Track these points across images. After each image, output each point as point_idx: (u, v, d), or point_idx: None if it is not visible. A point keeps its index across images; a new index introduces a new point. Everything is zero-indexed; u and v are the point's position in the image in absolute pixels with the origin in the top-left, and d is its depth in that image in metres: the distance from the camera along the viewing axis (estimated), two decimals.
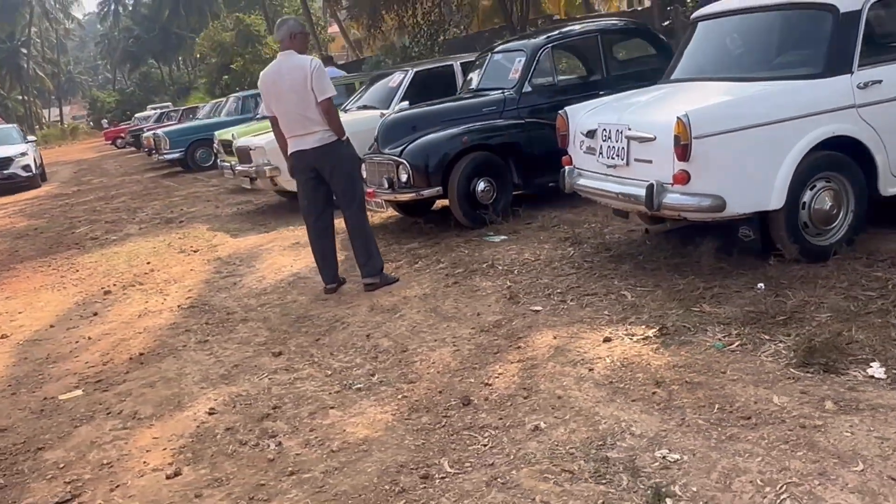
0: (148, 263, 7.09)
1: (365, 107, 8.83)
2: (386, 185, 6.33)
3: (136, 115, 37.05)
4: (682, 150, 3.86)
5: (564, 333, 3.75)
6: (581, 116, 4.83)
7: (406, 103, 7.91)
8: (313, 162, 5.01)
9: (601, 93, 6.40)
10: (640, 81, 6.35)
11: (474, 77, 7.27)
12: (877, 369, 2.87)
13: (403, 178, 6.18)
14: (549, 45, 6.66)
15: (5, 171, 17.20)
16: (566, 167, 4.94)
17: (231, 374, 3.96)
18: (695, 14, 5.19)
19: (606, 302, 4.10)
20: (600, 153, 4.54)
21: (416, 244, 6.16)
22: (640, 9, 20.79)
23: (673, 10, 17.67)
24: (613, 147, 4.40)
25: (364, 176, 6.87)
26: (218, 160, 12.02)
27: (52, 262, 7.90)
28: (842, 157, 4.09)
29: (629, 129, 4.25)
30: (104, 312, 5.62)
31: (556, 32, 6.94)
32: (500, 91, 6.62)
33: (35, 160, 18.13)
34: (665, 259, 4.63)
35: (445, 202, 6.81)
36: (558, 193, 6.64)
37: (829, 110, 4.00)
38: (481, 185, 6.20)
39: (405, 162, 6.14)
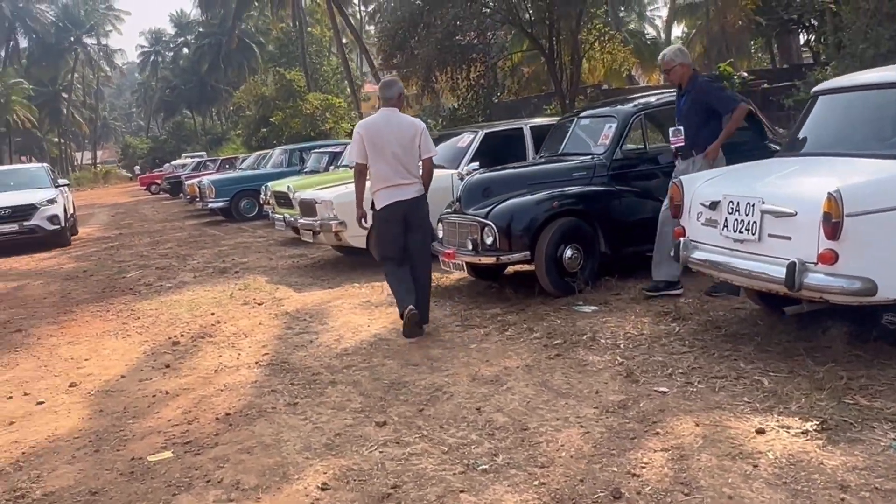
0: (212, 314, 6.86)
1: None
2: (469, 247, 6.11)
3: (173, 163, 37.55)
4: (832, 228, 3.60)
5: (706, 420, 3.44)
6: (699, 186, 4.61)
7: (476, 164, 7.81)
8: (408, 211, 5.30)
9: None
10: (730, 154, 6.17)
11: (557, 141, 7.12)
12: None
13: (489, 240, 5.96)
14: (641, 113, 6.50)
15: (27, 223, 13.65)
16: (680, 239, 4.69)
17: (335, 443, 3.66)
18: (816, 88, 5.00)
19: (741, 387, 3.79)
20: (724, 226, 4.29)
21: (499, 310, 5.90)
22: None
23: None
24: (742, 220, 4.16)
25: (440, 236, 6.70)
26: (269, 212, 11.93)
27: (110, 307, 7.70)
28: None
29: (763, 203, 4.00)
30: (177, 365, 5.36)
31: (647, 100, 6.79)
32: (589, 156, 6.45)
33: (66, 209, 14.70)
34: (789, 342, 4.33)
35: (518, 267, 6.62)
36: (645, 264, 6.44)
37: None
38: (569, 252, 5.96)
39: (492, 224, 5.93)
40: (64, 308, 7.95)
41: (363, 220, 5.52)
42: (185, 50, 70.97)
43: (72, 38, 67.69)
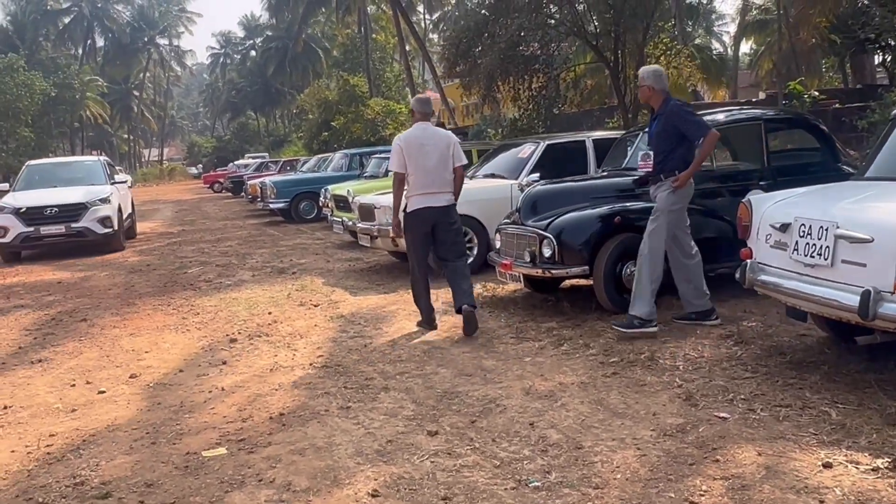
0: (269, 314, 6.95)
1: (493, 175, 8.71)
2: (527, 259, 6.06)
3: (236, 163, 38.39)
4: None
5: (769, 451, 3.31)
6: (769, 207, 4.47)
7: (537, 175, 7.77)
8: (440, 217, 5.73)
9: (760, 183, 6.08)
10: (801, 175, 6.00)
11: (621, 155, 7.01)
12: None
13: (547, 253, 5.89)
14: None
15: (75, 225, 12.12)
16: (747, 261, 4.55)
17: (386, 450, 3.65)
18: None
19: (807, 418, 3.65)
20: (795, 250, 4.15)
21: (555, 324, 5.82)
22: (754, 100, 20.38)
23: (790, 104, 17.26)
24: (814, 245, 4.00)
25: (497, 246, 6.66)
26: (328, 214, 12.07)
27: (171, 302, 7.88)
28: None
29: (838, 228, 3.85)
30: (233, 362, 5.44)
31: (715, 117, 6.63)
32: None
33: (120, 209, 13.13)
34: (859, 374, 4.15)
35: (575, 280, 6.53)
36: (708, 283, 6.28)
37: None
38: (628, 269, 5.85)
39: (551, 237, 5.86)
40: (127, 300, 8.16)
41: (399, 228, 5.95)
42: (253, 52, 72.64)
43: (145, 39, 70.13)
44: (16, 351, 6.20)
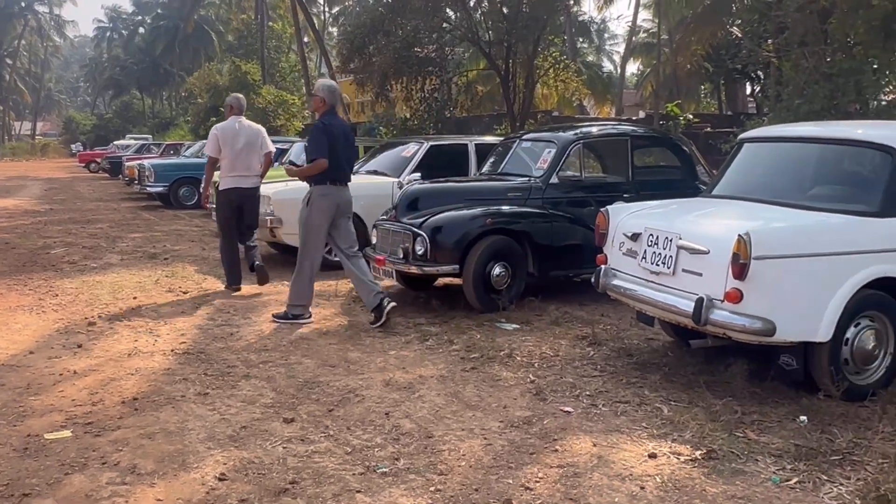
0: (134, 298, 6.74)
1: (375, 172, 8.77)
2: (400, 255, 6.17)
3: (116, 143, 36.60)
4: (740, 268, 3.78)
5: (604, 442, 3.55)
6: (624, 217, 4.77)
7: (418, 175, 7.87)
8: (244, 198, 7.06)
9: (624, 195, 6.44)
10: (662, 190, 6.40)
11: (498, 160, 7.24)
12: None
13: (420, 250, 6.02)
14: (580, 142, 6.68)
15: None
16: (601, 266, 4.83)
17: (240, 436, 3.65)
18: (743, 135, 5.24)
19: (642, 413, 3.93)
20: (643, 258, 4.45)
21: (424, 320, 5.96)
22: (634, 118, 21.41)
23: (665, 124, 18.26)
24: (660, 254, 4.32)
25: (373, 242, 6.74)
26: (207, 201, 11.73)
27: (28, 282, 7.48)
28: (888, 298, 4.06)
29: (680, 239, 4.17)
30: (89, 345, 5.25)
31: (587, 130, 6.99)
32: (527, 178, 6.59)
33: None
34: (694, 375, 4.50)
35: (448, 279, 6.71)
36: (568, 288, 6.61)
37: (883, 250, 3.99)
38: (497, 270, 6.07)
39: (424, 235, 6.00)
40: None
41: (208, 201, 7.84)
42: (142, 30, 69.37)
43: (22, 4, 65.41)
44: None
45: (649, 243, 4.42)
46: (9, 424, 3.80)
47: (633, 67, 42.01)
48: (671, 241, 4.24)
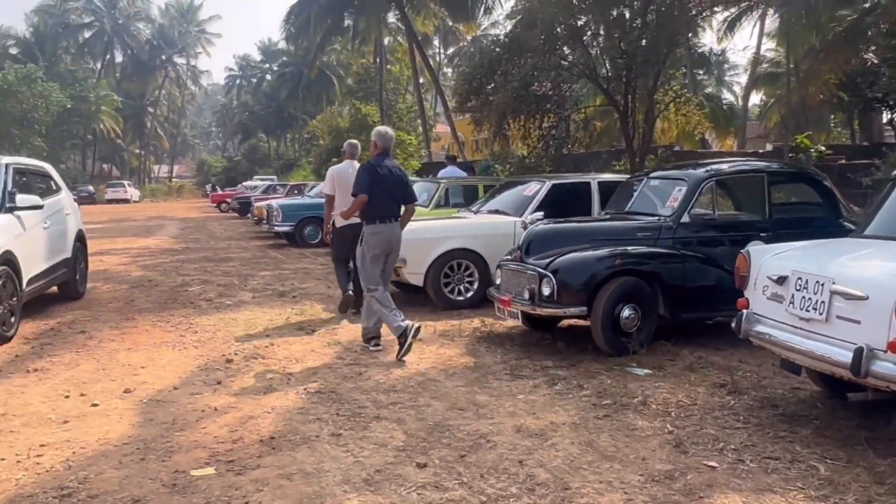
0: (267, 336, 6.98)
1: (497, 211, 8.78)
2: (526, 296, 6.09)
3: (244, 184, 38.59)
4: None
5: (755, 502, 3.32)
6: (767, 259, 4.51)
7: (541, 214, 7.84)
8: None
9: (761, 235, 6.13)
10: (802, 229, 6.04)
11: (624, 199, 7.09)
12: None
13: (546, 291, 5.93)
14: (712, 179, 6.43)
15: None
16: (742, 311, 4.58)
17: (374, 479, 3.65)
18: None
19: (795, 471, 3.65)
20: (791, 303, 4.18)
21: (551, 363, 5.83)
22: (761, 151, 20.55)
23: (796, 157, 17.39)
24: (810, 299, 4.04)
25: (497, 282, 6.70)
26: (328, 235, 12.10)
27: (170, 319, 7.91)
28: None
29: (834, 283, 3.89)
30: (227, 382, 5.45)
31: (719, 166, 6.73)
32: (656, 218, 6.40)
33: (15, 267, 6.99)
34: (850, 430, 4.16)
35: (573, 321, 6.57)
36: (702, 331, 6.32)
37: None
38: (626, 312, 5.88)
39: (551, 276, 5.91)
40: (127, 314, 8.20)
41: (329, 236, 8.03)
42: (268, 77, 73.44)
43: (164, 57, 70.85)
44: (13, 359, 6.22)
45: (797, 287, 4.15)
46: (158, 459, 3.97)
47: (755, 98, 40.54)
48: (823, 285, 3.96)
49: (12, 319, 6.97)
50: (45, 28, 64.36)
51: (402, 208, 6.42)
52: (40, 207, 7.90)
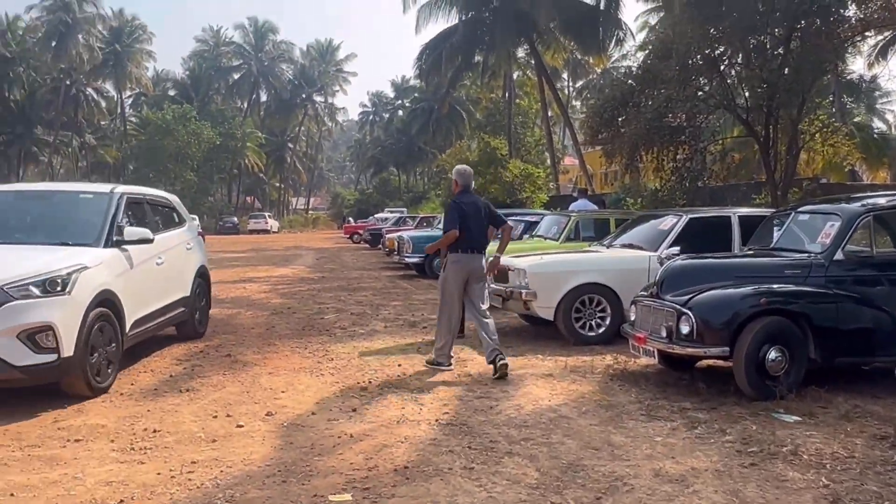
0: (399, 366, 7.10)
1: (630, 245, 8.59)
2: (663, 334, 5.88)
3: (376, 216, 39.82)
4: None
5: None
6: None
7: (677, 249, 7.60)
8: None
9: None
10: None
11: (769, 234, 6.74)
12: None
13: (685, 330, 5.69)
14: (869, 214, 6.00)
15: None
16: None
17: None
18: None
19: None
20: None
21: (689, 404, 5.58)
22: None
23: None
24: None
25: (632, 318, 6.52)
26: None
27: (308, 345, 8.21)
28: None
29: None
30: (362, 410, 5.58)
31: (875, 200, 6.27)
32: (806, 255, 6.03)
33: (118, 307, 6.30)
34: None
35: (712, 361, 6.28)
36: (858, 377, 5.89)
37: None
38: (773, 354, 5.54)
39: (690, 314, 5.67)
40: (268, 340, 8.59)
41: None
42: (400, 112, 75.92)
43: (304, 95, 74.94)
44: (167, 379, 6.65)
45: None
46: (298, 483, 4.10)
47: None
48: None
49: (109, 369, 6.12)
50: (200, 71, 70.08)
51: (491, 232, 7.16)
52: (150, 241, 7.02)
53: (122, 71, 62.84)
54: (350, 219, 51.86)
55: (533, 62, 36.84)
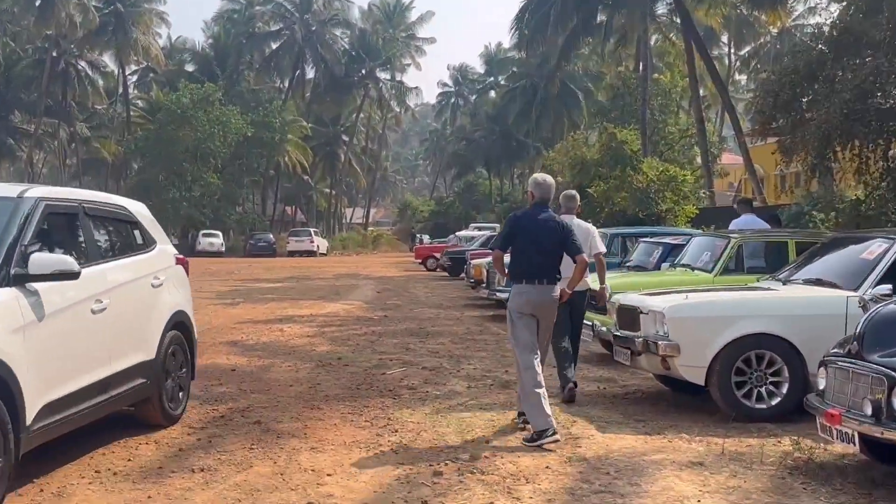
0: (487, 442, 7.10)
1: (818, 281, 8.36)
2: (868, 411, 5.65)
3: (458, 234, 40.16)
4: None
5: None
6: None
7: (888, 287, 7.37)
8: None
9: None
10: None
11: None
12: None
13: None
14: None
15: None
16: None
17: None
18: None
19: None
20: None
21: None
22: None
23: None
24: None
25: (821, 387, 6.32)
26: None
27: (364, 411, 8.30)
28: None
29: None
30: (436, 503, 5.57)
31: None
32: None
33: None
34: None
35: None
36: None
37: None
38: None
39: None
40: (311, 402, 8.73)
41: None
42: (493, 93, 76.43)
43: (363, 71, 75.01)
44: (175, 453, 6.82)
45: None
46: None
47: None
48: None
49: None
50: (227, 39, 71.40)
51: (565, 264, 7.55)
52: (75, 276, 5.92)
53: (125, 38, 64.24)
54: (423, 237, 52.37)
55: (679, 21, 36.54)
